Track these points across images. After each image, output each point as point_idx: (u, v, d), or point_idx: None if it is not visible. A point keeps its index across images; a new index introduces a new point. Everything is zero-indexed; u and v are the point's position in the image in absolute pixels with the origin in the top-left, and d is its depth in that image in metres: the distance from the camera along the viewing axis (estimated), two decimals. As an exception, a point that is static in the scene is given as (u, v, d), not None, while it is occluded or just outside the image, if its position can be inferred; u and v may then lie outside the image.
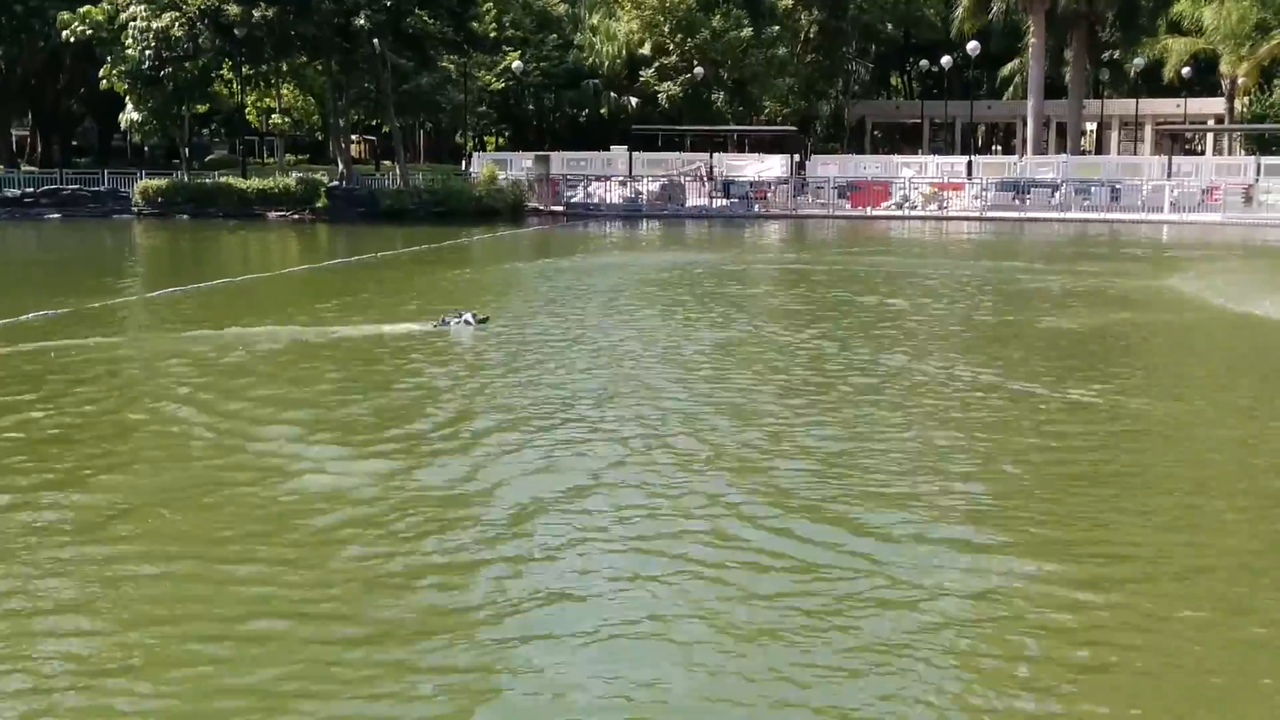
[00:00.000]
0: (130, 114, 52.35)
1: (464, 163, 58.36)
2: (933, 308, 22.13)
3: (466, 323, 18.29)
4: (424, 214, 46.94)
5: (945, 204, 52.04)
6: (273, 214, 48.68)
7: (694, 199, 53.67)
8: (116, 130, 62.78)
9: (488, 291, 24.71)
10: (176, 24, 48.04)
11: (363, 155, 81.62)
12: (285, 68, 56.98)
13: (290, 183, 50.12)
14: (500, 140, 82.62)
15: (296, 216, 48.56)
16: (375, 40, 48.93)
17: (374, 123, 73.11)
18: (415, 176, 52.82)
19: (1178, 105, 71.92)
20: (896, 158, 61.83)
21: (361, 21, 46.98)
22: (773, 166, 56.76)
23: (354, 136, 70.97)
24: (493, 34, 59.95)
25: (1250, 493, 10.09)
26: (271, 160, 74.94)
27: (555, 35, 71.45)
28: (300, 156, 79.93)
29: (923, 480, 10.19)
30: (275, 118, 72.00)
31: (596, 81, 70.24)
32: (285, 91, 67.71)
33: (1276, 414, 13.34)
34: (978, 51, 61.82)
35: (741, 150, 64.77)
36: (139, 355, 16.55)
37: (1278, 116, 66.14)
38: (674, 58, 65.60)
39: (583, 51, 69.79)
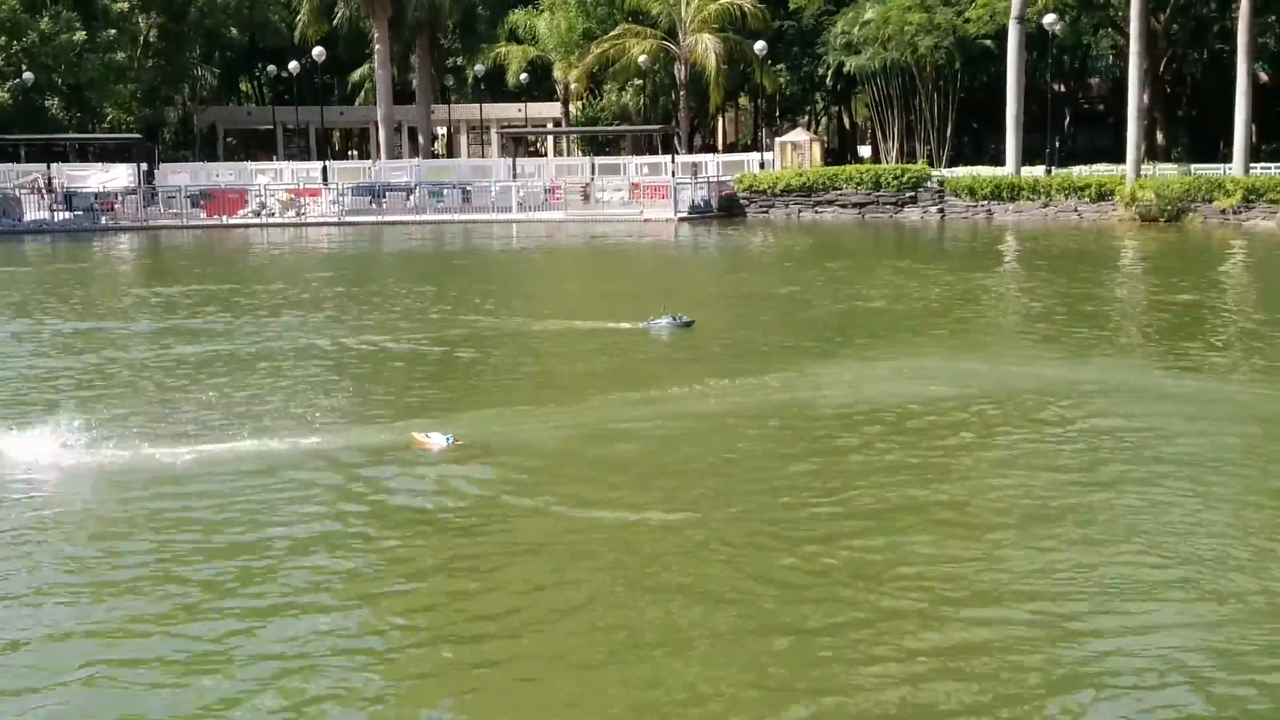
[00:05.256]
0: None
1: None
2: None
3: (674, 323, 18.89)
4: None
5: (303, 210, 51.73)
6: None
7: (33, 213, 49.89)
8: None
9: None
10: None
11: None
12: None
13: None
14: None
15: None
16: None
17: None
18: None
19: (519, 110, 75.83)
20: (251, 164, 60.62)
21: None
22: (119, 176, 53.87)
23: None
24: None
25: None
26: None
27: None
28: None
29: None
30: None
31: (-92, 89, 63.46)
32: None
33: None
34: (324, 57, 61.93)
35: (84, 159, 61.03)
36: None
37: (608, 119, 71.44)
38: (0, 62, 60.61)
39: (-111, 56, 62.79)
